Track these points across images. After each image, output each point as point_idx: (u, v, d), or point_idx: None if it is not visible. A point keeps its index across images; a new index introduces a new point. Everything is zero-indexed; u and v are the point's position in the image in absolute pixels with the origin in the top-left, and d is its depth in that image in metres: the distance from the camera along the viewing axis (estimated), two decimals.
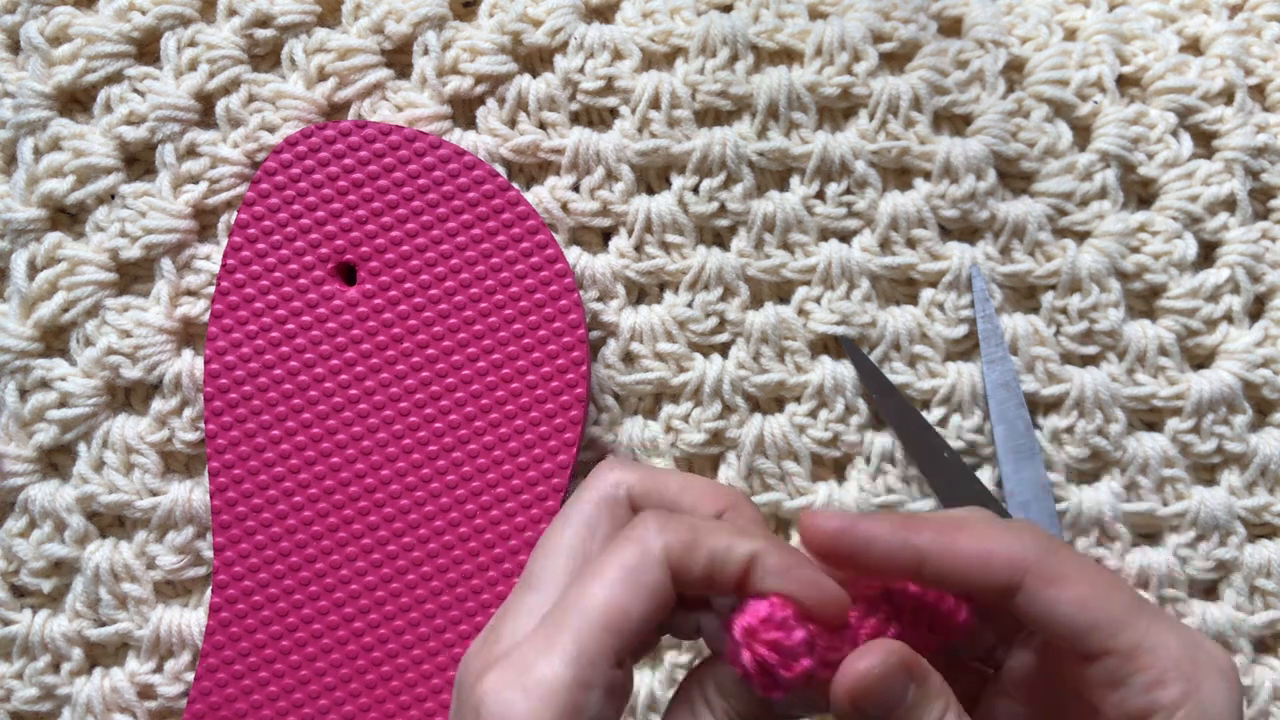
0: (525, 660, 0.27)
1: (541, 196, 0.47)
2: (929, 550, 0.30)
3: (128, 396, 0.47)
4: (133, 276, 0.47)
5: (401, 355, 0.44)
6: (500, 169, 0.47)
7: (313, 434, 0.44)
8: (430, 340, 0.44)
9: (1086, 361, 0.48)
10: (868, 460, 0.47)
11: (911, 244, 0.48)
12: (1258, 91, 0.50)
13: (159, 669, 0.46)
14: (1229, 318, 0.48)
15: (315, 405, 0.44)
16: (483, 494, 0.44)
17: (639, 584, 0.28)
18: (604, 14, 0.49)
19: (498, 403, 0.44)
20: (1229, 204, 0.49)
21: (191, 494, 0.46)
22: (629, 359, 0.47)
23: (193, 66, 0.47)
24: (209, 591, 0.45)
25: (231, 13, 0.48)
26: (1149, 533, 0.48)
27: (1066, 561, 0.30)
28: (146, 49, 0.48)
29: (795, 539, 0.46)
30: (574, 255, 0.47)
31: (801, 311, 0.47)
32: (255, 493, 0.44)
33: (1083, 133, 0.49)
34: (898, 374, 0.47)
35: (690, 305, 0.47)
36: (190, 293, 0.47)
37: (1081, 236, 0.48)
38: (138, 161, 0.48)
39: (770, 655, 0.28)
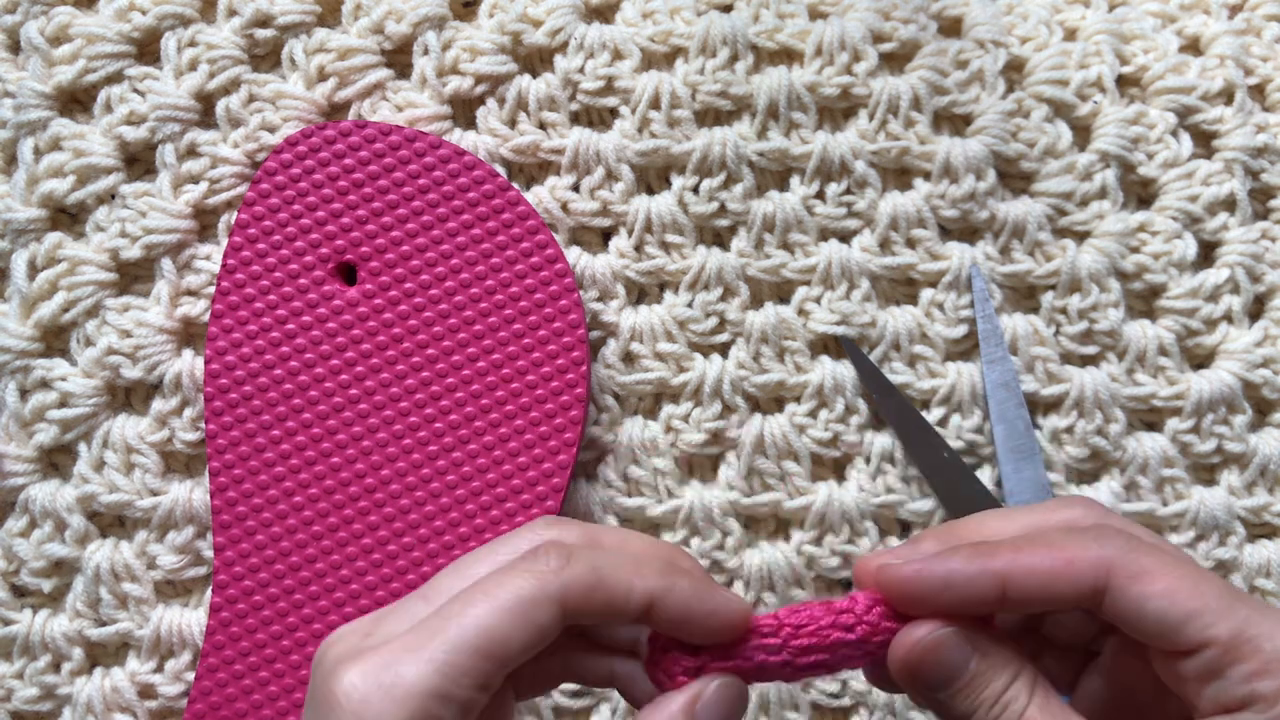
0: (391, 658, 0.27)
1: (541, 196, 0.47)
2: (1010, 572, 0.29)
3: (128, 396, 0.47)
4: (133, 276, 0.47)
5: (401, 355, 0.44)
6: (500, 169, 0.47)
7: (313, 434, 0.44)
8: (430, 340, 0.44)
9: (1086, 361, 0.48)
10: (867, 460, 0.47)
11: (911, 244, 0.48)
12: (1257, 91, 0.50)
13: (159, 669, 0.46)
14: (1229, 318, 0.48)
15: (315, 405, 0.44)
16: (483, 494, 0.44)
17: (528, 619, 0.28)
18: (604, 14, 0.49)
19: (498, 403, 0.44)
20: (1229, 204, 0.49)
21: (192, 494, 0.46)
22: (629, 359, 0.47)
23: (193, 66, 0.47)
24: (209, 591, 0.45)
25: (232, 13, 0.48)
26: None
27: (1150, 556, 0.29)
28: (147, 49, 0.48)
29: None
30: (574, 255, 0.47)
31: (801, 311, 0.47)
32: (255, 492, 0.44)
33: (1082, 133, 0.49)
34: (898, 374, 0.47)
35: (690, 305, 0.47)
36: (190, 293, 0.47)
37: (1081, 236, 0.48)
38: (138, 161, 0.48)
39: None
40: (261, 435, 0.44)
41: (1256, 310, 0.49)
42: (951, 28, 0.50)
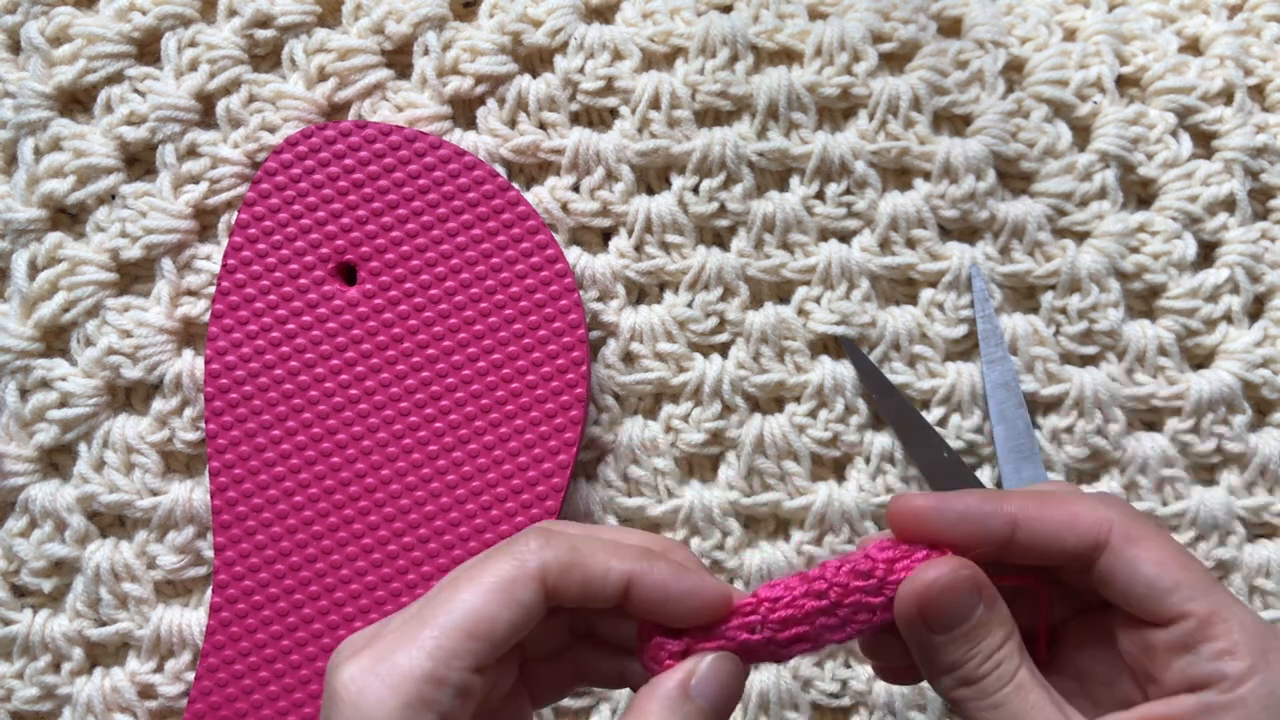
0: (386, 649, 0.28)
1: (541, 197, 0.47)
2: (1021, 516, 0.31)
3: (128, 396, 0.47)
4: (133, 276, 0.47)
5: (401, 355, 0.44)
6: (500, 169, 0.47)
7: (313, 434, 0.44)
8: (430, 340, 0.44)
9: (1086, 361, 0.48)
10: (867, 460, 0.47)
11: (911, 244, 0.48)
12: (1257, 92, 0.50)
13: (159, 669, 0.46)
14: (1228, 318, 0.48)
15: (315, 405, 0.44)
16: (483, 494, 0.44)
17: (511, 598, 0.28)
18: (604, 14, 0.49)
19: (498, 403, 0.44)
20: (1228, 204, 0.49)
21: (192, 494, 0.46)
22: (629, 359, 0.47)
23: (193, 67, 0.47)
24: (209, 591, 0.45)
25: (232, 13, 0.48)
26: None
27: (1147, 526, 0.31)
28: (147, 49, 0.48)
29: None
30: (574, 255, 0.47)
31: (801, 311, 0.47)
32: (255, 492, 0.44)
33: (1082, 133, 0.49)
34: (897, 374, 0.47)
35: (690, 305, 0.47)
36: (190, 293, 0.47)
37: (1081, 237, 0.48)
38: (138, 162, 0.48)
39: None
40: (261, 435, 0.44)
41: (1256, 310, 0.49)
42: (951, 28, 0.50)
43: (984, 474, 0.47)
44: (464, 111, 0.48)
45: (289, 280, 0.44)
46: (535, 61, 0.48)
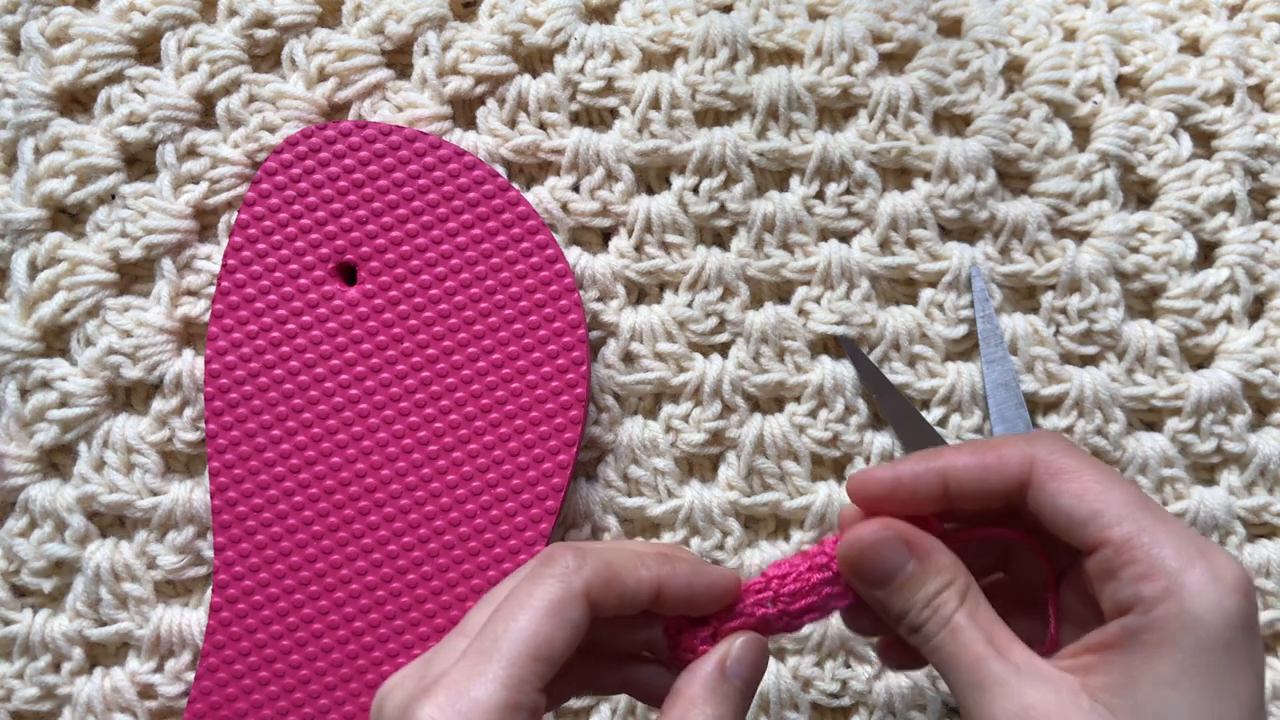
0: (459, 686, 0.29)
1: (542, 197, 0.47)
2: (948, 468, 0.32)
3: (128, 396, 0.47)
4: (133, 276, 0.47)
5: (402, 355, 0.44)
6: (500, 169, 0.47)
7: (313, 434, 0.44)
8: (430, 340, 0.44)
9: (1086, 361, 0.48)
10: (868, 460, 0.47)
11: (911, 244, 0.48)
12: (1257, 92, 0.50)
13: (159, 669, 0.46)
14: (1228, 318, 0.48)
15: (315, 405, 0.44)
16: (483, 494, 0.44)
17: (563, 618, 0.30)
18: (604, 14, 0.49)
19: (498, 403, 0.44)
20: (1228, 204, 0.49)
21: (192, 494, 0.46)
22: (629, 359, 0.47)
23: (193, 67, 0.47)
24: (209, 591, 0.45)
25: (232, 13, 0.48)
26: None
27: (1071, 458, 0.32)
28: (147, 49, 0.48)
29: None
30: (574, 255, 0.47)
31: (801, 311, 0.47)
32: (255, 492, 0.44)
33: (1082, 133, 0.49)
34: (897, 374, 0.47)
35: (690, 305, 0.47)
36: (190, 293, 0.47)
37: (1081, 237, 0.48)
38: (138, 162, 0.48)
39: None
40: (261, 435, 0.44)
41: (1256, 310, 0.49)
42: (951, 28, 0.50)
43: None
44: (464, 112, 0.48)
45: (289, 280, 0.44)
46: (535, 61, 0.48)
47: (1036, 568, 0.35)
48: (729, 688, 0.32)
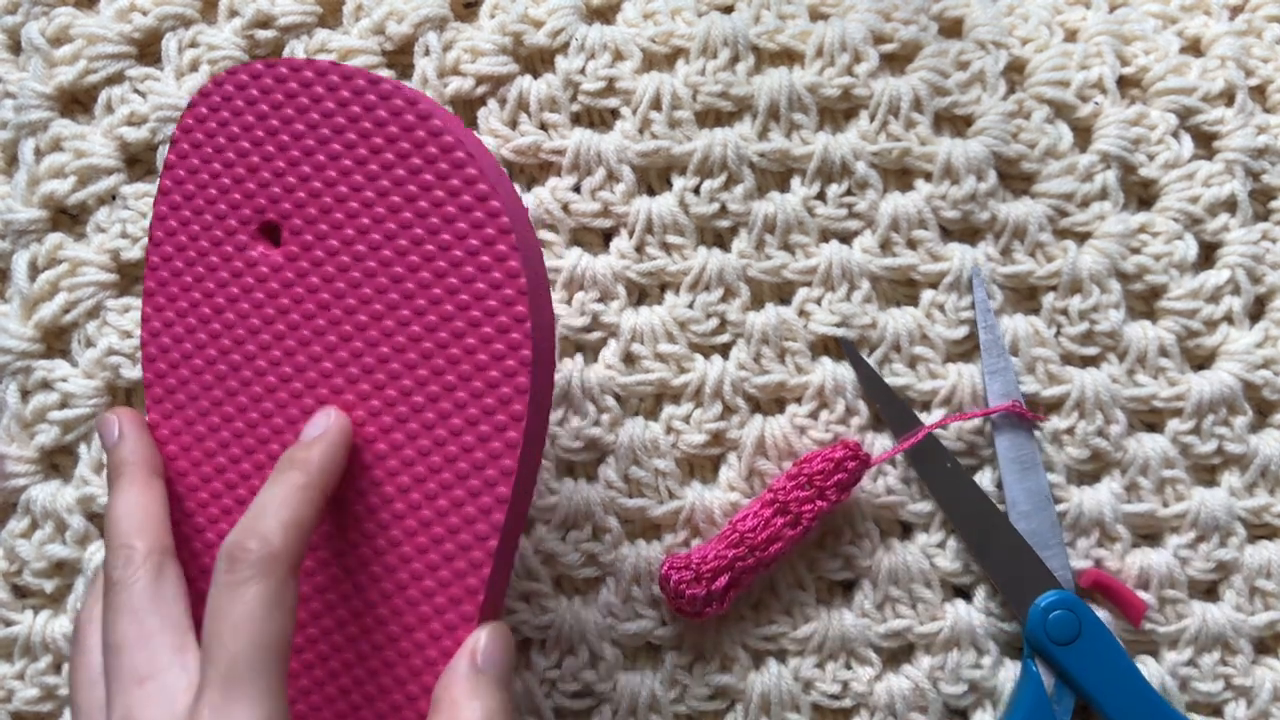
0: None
1: (542, 197, 0.47)
2: None
3: (129, 397, 0.47)
4: (134, 277, 0.47)
5: (330, 324, 0.38)
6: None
7: (249, 419, 0.39)
8: (358, 305, 0.38)
9: (1087, 362, 0.48)
10: None
11: (912, 245, 0.48)
12: (1258, 93, 0.50)
13: None
14: (1229, 319, 0.48)
15: (248, 386, 0.39)
16: (426, 480, 0.37)
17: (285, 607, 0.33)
18: (605, 15, 0.49)
19: (434, 373, 0.37)
20: (1229, 205, 0.49)
21: None
22: (630, 360, 0.47)
23: (194, 67, 0.47)
24: None
25: (233, 13, 0.48)
26: (1149, 534, 0.48)
27: None
28: (148, 50, 0.48)
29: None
30: (575, 256, 0.47)
31: (802, 313, 0.47)
32: (200, 486, 0.40)
33: (1083, 134, 0.49)
34: (898, 375, 0.47)
35: (691, 306, 0.47)
36: None
37: (1082, 237, 0.48)
38: (139, 162, 0.48)
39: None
40: (200, 423, 0.39)
41: (1257, 311, 0.49)
42: (952, 29, 0.50)
43: (984, 477, 0.47)
44: (465, 112, 0.48)
45: (212, 248, 0.39)
46: (536, 62, 0.48)
47: None
48: (487, 679, 0.34)
